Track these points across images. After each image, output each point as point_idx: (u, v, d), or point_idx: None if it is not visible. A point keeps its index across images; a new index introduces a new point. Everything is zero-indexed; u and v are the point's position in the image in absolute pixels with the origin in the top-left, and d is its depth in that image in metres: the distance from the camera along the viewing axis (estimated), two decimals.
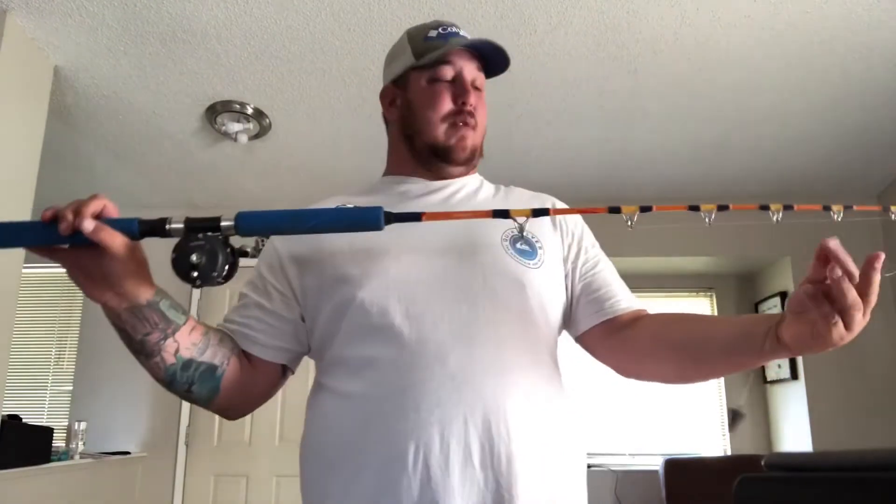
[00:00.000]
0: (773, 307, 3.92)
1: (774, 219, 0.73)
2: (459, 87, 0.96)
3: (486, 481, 0.77)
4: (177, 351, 0.83)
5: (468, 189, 1.02)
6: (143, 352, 0.81)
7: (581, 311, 0.97)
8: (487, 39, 0.98)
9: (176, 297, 0.84)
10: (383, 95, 1.06)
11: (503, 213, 0.67)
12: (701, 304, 4.26)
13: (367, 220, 0.65)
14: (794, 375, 3.68)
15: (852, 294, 0.62)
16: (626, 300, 0.96)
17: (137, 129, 2.97)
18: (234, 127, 2.87)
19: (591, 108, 2.84)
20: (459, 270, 0.88)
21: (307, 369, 1.03)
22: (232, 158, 3.30)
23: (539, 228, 0.97)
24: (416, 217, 0.66)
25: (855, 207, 0.79)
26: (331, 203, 1.03)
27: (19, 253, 2.36)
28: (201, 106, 2.79)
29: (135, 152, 3.22)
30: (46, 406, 3.76)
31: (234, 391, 0.91)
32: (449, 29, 1.00)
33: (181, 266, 0.73)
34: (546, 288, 0.92)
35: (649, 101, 2.79)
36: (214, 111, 2.80)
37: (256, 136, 3.01)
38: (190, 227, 0.67)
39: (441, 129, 0.96)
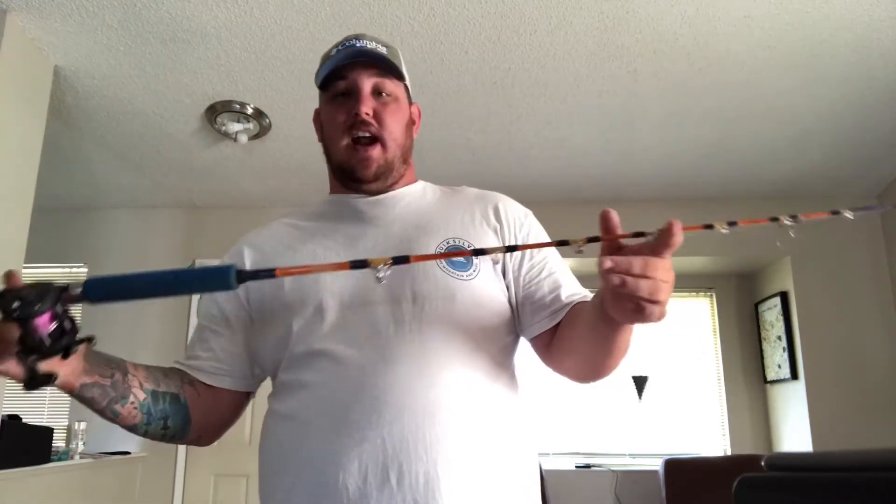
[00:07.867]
0: (773, 307, 3.92)
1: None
2: (353, 98, 0.94)
3: (404, 502, 0.77)
4: (141, 384, 0.86)
5: (409, 199, 1.01)
6: (116, 399, 0.82)
7: (526, 318, 0.94)
8: (365, 48, 0.95)
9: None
10: (314, 120, 1.06)
11: (362, 264, 0.65)
12: (701, 304, 4.26)
13: (219, 282, 0.64)
14: (794, 375, 3.68)
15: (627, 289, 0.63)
16: (569, 306, 0.92)
17: (137, 129, 2.97)
18: (234, 127, 2.87)
19: (591, 108, 2.84)
20: (389, 290, 0.88)
21: None
22: (232, 158, 3.30)
23: (476, 234, 0.95)
24: (270, 274, 0.64)
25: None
26: (276, 225, 1.04)
27: (19, 253, 2.36)
28: (201, 106, 2.79)
29: (135, 152, 3.22)
30: (46, 406, 3.76)
31: (203, 417, 0.94)
32: (349, 43, 0.97)
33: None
34: (482, 297, 0.90)
35: (649, 101, 2.79)
36: (214, 111, 2.80)
37: (256, 136, 3.01)
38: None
39: (342, 148, 0.95)
